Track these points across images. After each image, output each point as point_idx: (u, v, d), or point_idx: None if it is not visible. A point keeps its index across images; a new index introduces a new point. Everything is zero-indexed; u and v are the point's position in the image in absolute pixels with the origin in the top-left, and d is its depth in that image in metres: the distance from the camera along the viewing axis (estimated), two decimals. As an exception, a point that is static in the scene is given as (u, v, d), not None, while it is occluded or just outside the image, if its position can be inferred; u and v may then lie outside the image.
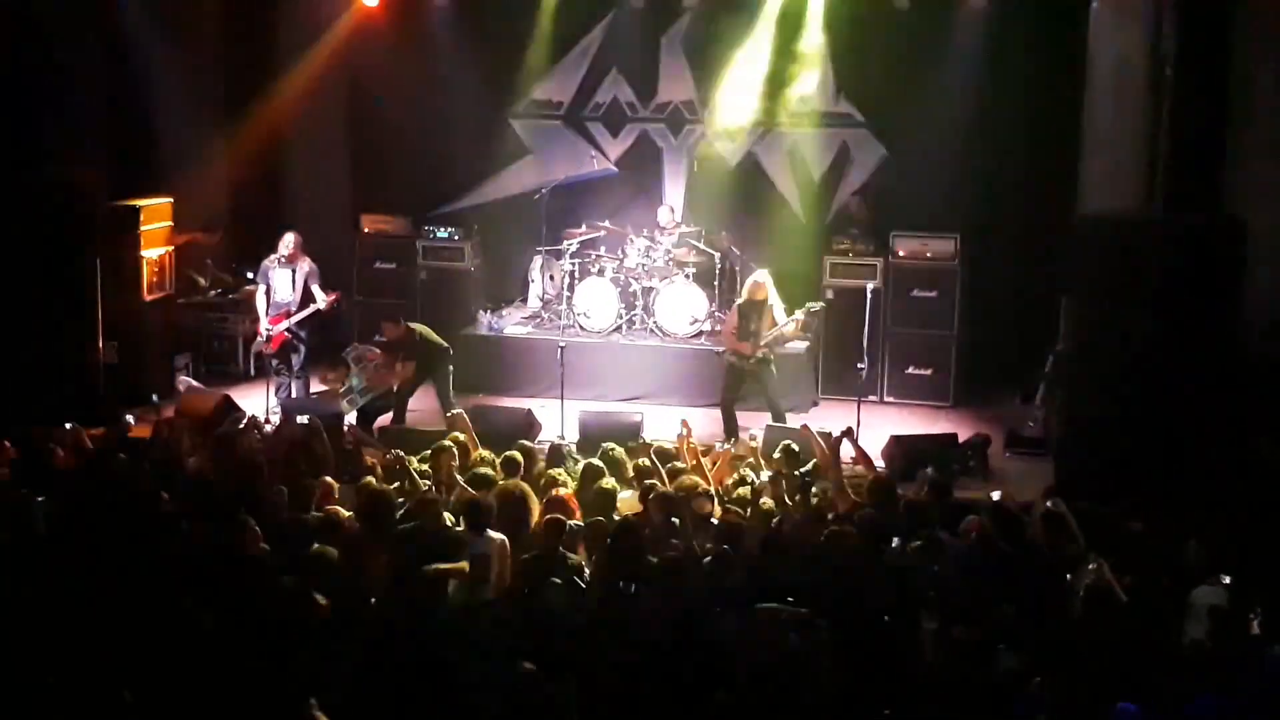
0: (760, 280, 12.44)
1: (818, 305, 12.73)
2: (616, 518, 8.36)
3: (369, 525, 7.92)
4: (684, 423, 10.41)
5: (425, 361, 12.36)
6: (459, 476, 9.09)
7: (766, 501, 8.81)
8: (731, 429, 12.29)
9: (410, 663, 6.18)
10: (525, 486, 8.56)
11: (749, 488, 9.32)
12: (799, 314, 12.39)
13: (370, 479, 8.77)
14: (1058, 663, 6.28)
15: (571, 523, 8.14)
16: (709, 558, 7.66)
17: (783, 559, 7.53)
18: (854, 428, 10.54)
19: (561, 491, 8.70)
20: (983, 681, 6.19)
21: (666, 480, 8.98)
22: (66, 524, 7.87)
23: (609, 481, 8.89)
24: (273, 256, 12.86)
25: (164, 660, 6.16)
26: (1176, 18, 11.30)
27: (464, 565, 7.59)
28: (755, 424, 12.24)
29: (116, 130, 13.38)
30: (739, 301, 12.58)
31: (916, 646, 6.67)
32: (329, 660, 6.26)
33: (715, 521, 8.45)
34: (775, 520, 8.43)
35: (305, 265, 12.87)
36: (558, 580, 7.24)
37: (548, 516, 8.05)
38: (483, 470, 9.11)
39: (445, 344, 12.60)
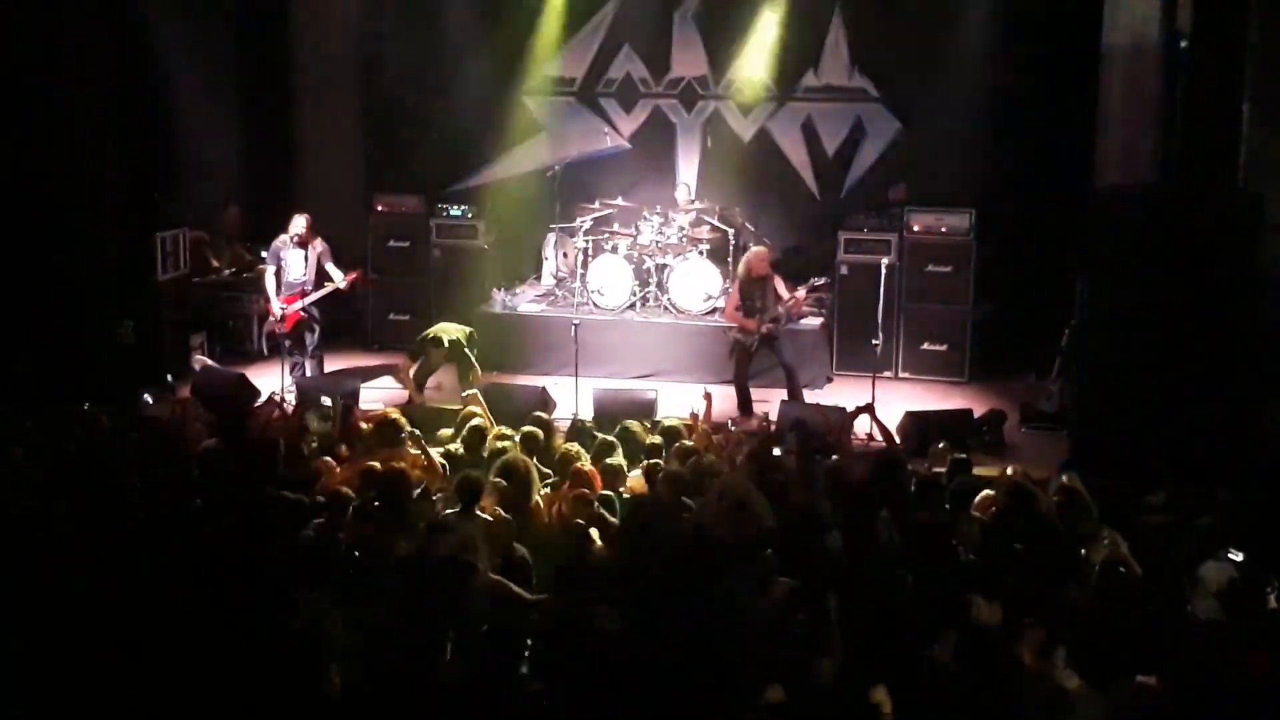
0: (760, 254, 12.40)
1: (821, 280, 12.68)
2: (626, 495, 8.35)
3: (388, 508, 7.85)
4: (707, 395, 10.37)
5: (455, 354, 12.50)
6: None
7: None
8: (746, 406, 12.31)
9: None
10: (526, 461, 8.47)
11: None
12: (801, 290, 12.37)
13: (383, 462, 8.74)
14: (1073, 637, 6.28)
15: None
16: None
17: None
18: (873, 403, 10.53)
19: (585, 465, 8.64)
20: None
21: (678, 459, 8.95)
22: (81, 505, 7.88)
23: (617, 459, 8.89)
24: (284, 236, 12.83)
25: (174, 646, 6.17)
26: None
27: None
28: (771, 399, 12.26)
29: (130, 109, 13.37)
30: (739, 278, 12.54)
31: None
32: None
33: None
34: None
35: (318, 245, 12.87)
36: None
37: (574, 492, 8.04)
38: (503, 444, 9.08)
39: (463, 330, 12.68)
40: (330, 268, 12.88)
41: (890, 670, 5.90)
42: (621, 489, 8.54)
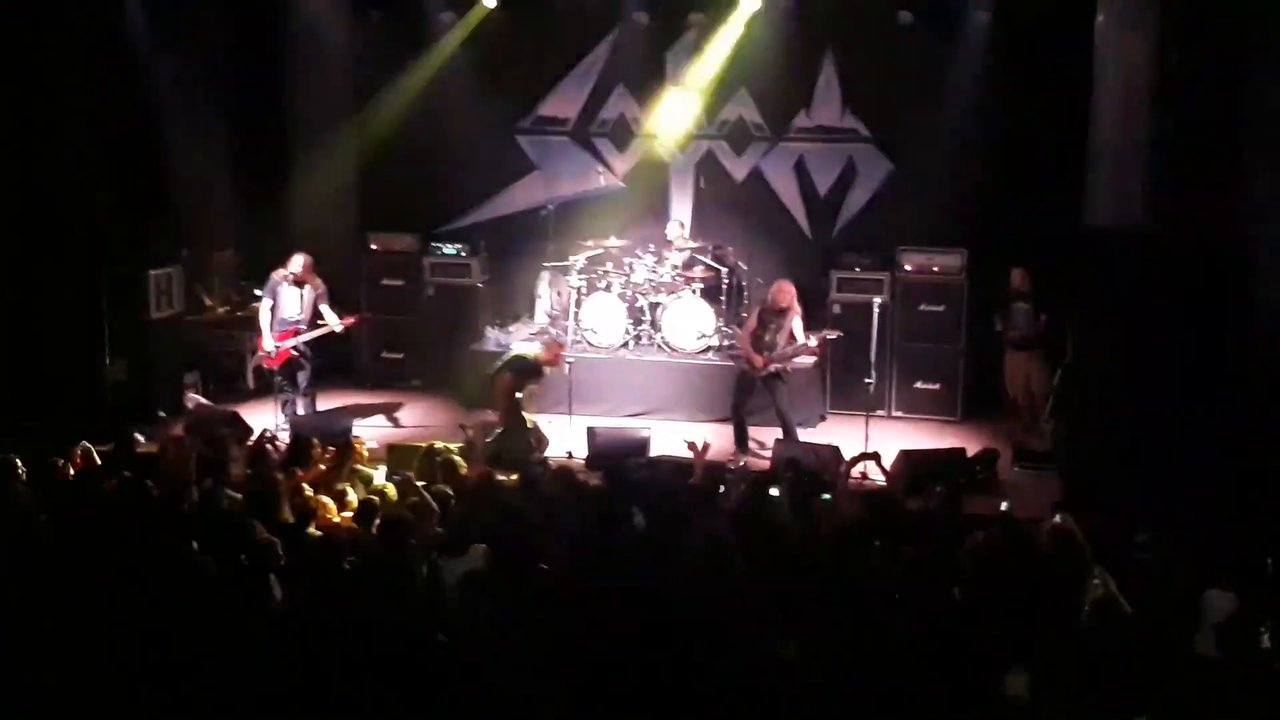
0: (783, 287, 12.38)
1: (834, 334, 12.64)
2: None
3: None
4: (691, 444, 10.34)
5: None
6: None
7: None
8: (742, 441, 12.31)
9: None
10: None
11: None
12: (814, 340, 12.37)
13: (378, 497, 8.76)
14: (1065, 677, 6.27)
15: None
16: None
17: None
18: (878, 453, 10.49)
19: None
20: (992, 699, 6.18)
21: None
22: (74, 541, 7.86)
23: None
24: (282, 272, 12.78)
25: (169, 679, 6.15)
26: (1182, 31, 11.32)
27: None
28: (766, 438, 12.27)
29: (124, 146, 13.41)
30: (762, 304, 12.51)
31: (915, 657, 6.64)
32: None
33: None
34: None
35: (317, 286, 12.82)
36: None
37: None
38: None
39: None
40: (326, 310, 12.82)
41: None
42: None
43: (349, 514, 8.73)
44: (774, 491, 9.05)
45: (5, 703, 6.11)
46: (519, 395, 12.21)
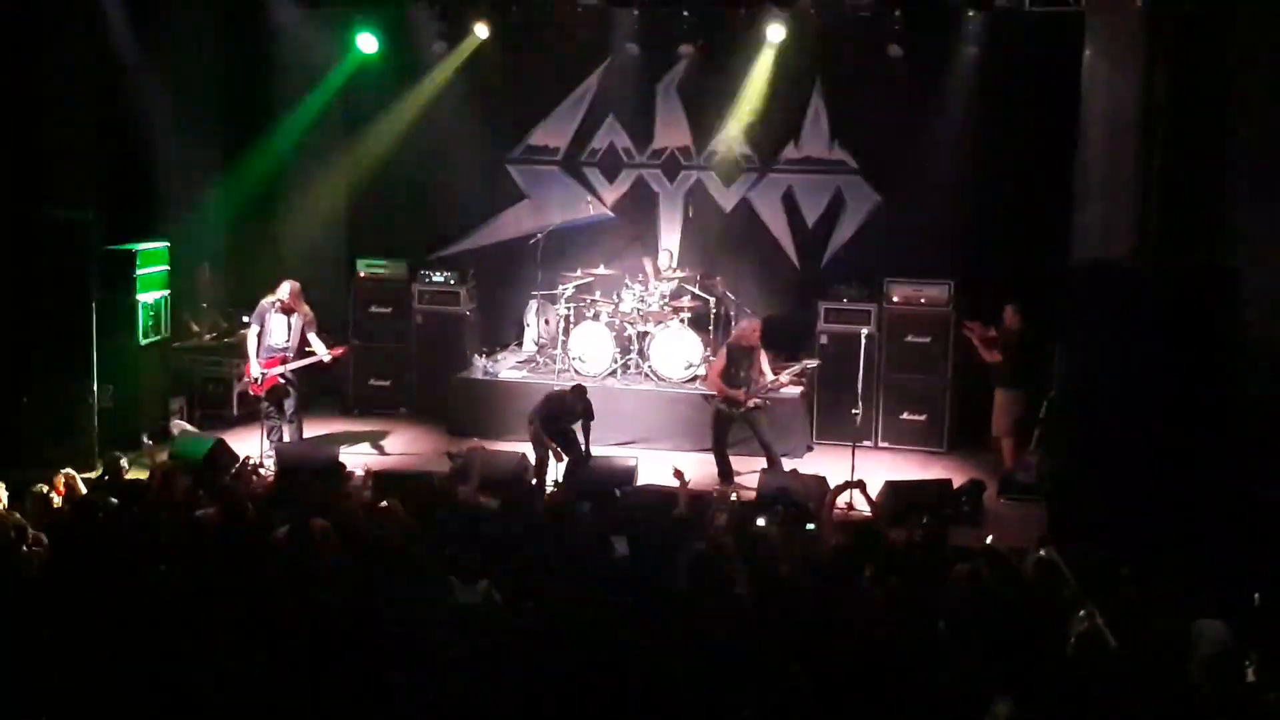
0: (754, 325, 12.50)
1: (814, 363, 12.75)
2: None
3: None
4: (678, 473, 10.34)
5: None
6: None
7: None
8: (726, 474, 12.32)
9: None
10: None
11: None
12: (795, 368, 12.43)
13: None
14: (1051, 710, 6.26)
15: None
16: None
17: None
18: (864, 481, 10.52)
19: None
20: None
21: None
22: (59, 569, 7.83)
23: None
24: (270, 299, 12.74)
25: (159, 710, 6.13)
26: (1169, 67, 11.40)
27: None
28: (750, 468, 12.27)
29: (113, 172, 13.42)
30: (728, 342, 12.61)
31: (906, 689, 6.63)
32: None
33: None
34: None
35: (303, 314, 12.77)
36: None
37: None
38: None
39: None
40: (314, 339, 12.77)
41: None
42: None
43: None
44: (760, 521, 9.03)
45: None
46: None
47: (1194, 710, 6.45)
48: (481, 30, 14.92)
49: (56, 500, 9.25)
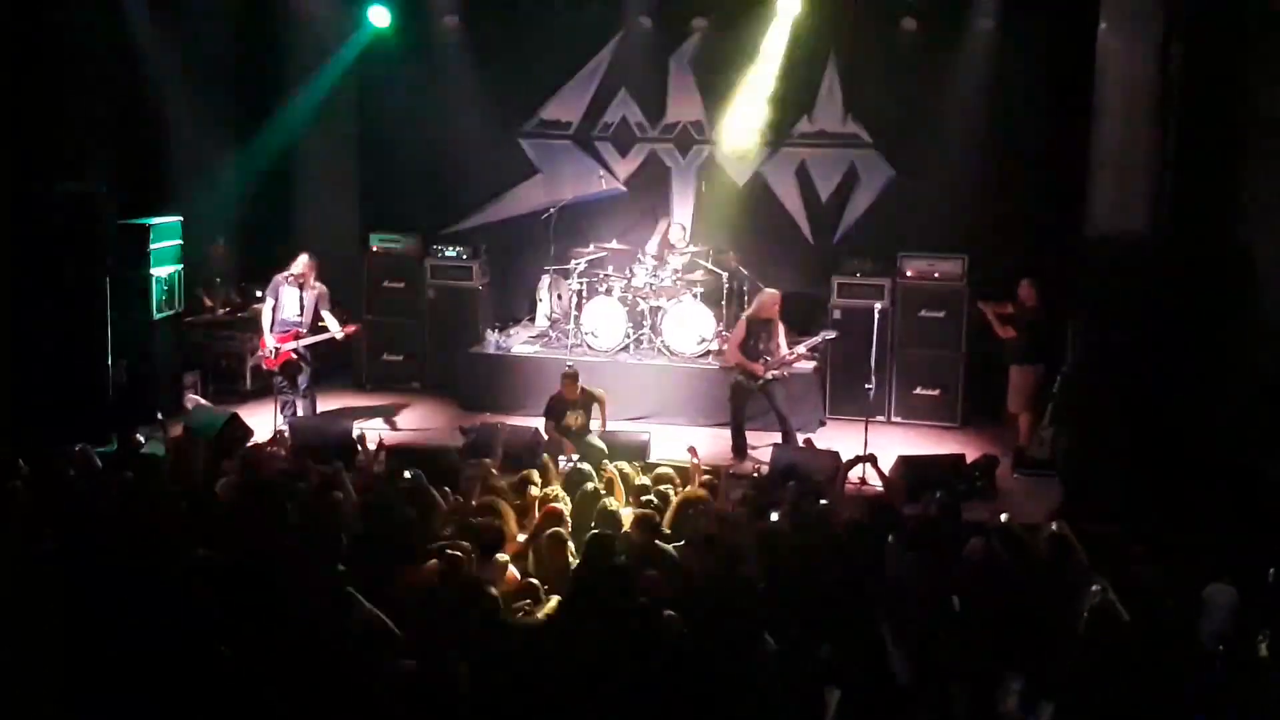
0: (775, 297, 12.45)
1: (832, 334, 12.71)
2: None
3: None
4: (692, 449, 10.38)
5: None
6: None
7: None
8: (741, 449, 12.33)
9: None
10: (501, 502, 8.59)
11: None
12: (813, 340, 12.41)
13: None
14: (1064, 685, 6.28)
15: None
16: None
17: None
18: (875, 455, 10.53)
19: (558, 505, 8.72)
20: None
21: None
22: (77, 543, 7.86)
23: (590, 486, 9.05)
24: (284, 274, 12.79)
25: (178, 689, 6.16)
26: (1184, 39, 11.33)
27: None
28: (764, 442, 12.28)
29: (127, 147, 13.41)
30: (747, 314, 12.59)
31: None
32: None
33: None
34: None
35: (316, 289, 12.78)
36: None
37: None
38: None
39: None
40: (327, 315, 12.79)
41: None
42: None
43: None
44: (774, 516, 9.00)
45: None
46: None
47: (1206, 685, 6.46)
48: None
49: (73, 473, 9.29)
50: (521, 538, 8.36)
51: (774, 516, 8.84)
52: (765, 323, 12.34)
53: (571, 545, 8.13)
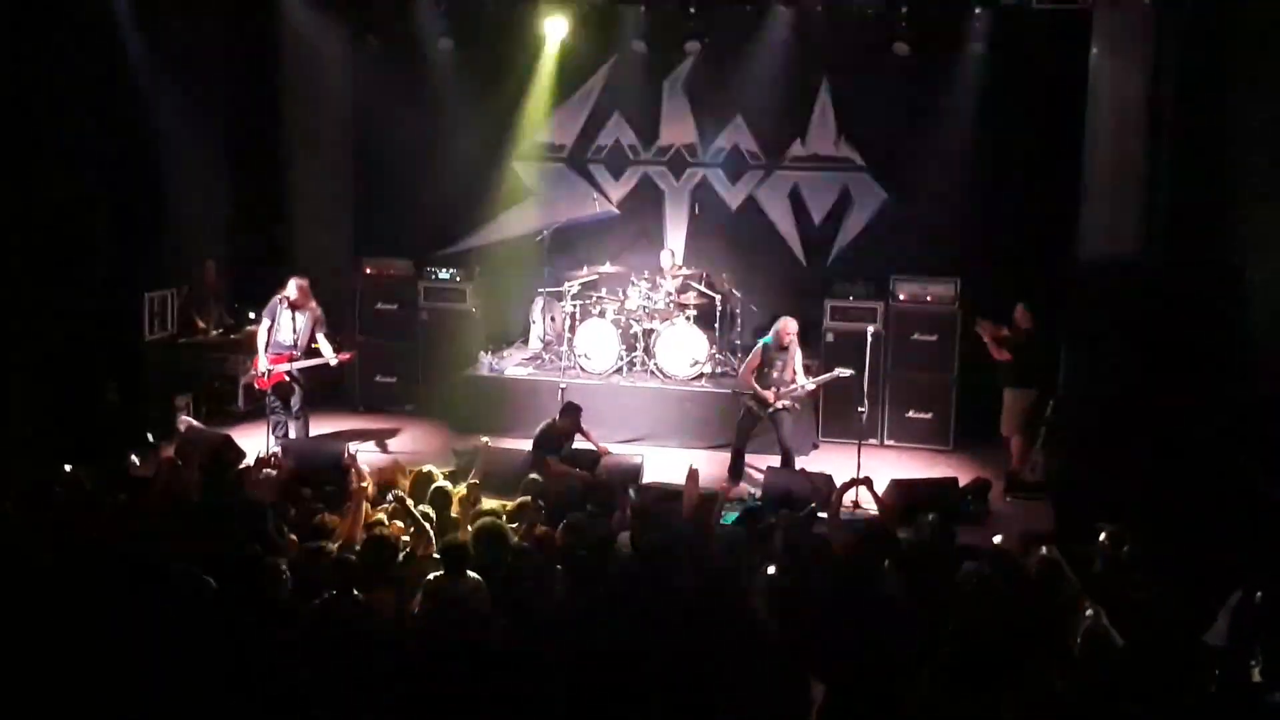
0: (792, 325, 12.34)
1: (848, 372, 12.48)
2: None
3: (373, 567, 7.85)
4: (693, 470, 10.33)
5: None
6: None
7: None
8: (737, 473, 12.27)
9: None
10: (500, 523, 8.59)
11: None
12: (827, 376, 12.30)
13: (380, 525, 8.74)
14: (1057, 709, 6.26)
15: None
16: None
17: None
18: (870, 478, 10.51)
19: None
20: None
21: None
22: (69, 565, 7.84)
23: None
24: (280, 295, 12.77)
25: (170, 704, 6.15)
26: (1175, 65, 11.38)
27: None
28: (761, 464, 12.26)
29: (119, 169, 13.40)
30: (766, 341, 12.41)
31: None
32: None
33: None
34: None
35: (311, 312, 12.76)
36: None
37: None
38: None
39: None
40: (322, 340, 12.76)
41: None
42: None
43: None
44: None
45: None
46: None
47: (1201, 709, 6.45)
48: None
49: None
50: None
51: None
52: (781, 350, 12.26)
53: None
